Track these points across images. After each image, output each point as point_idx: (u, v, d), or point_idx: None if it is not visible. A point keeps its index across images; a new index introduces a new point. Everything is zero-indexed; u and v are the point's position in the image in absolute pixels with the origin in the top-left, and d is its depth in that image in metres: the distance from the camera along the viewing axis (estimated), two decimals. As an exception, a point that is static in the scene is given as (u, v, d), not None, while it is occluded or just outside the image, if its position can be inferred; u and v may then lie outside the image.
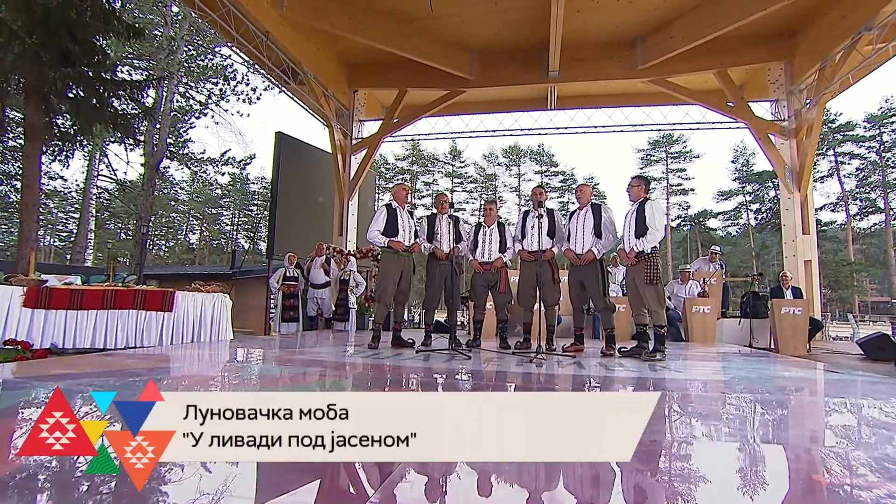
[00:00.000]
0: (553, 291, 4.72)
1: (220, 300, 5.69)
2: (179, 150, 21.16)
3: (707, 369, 3.58)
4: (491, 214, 5.03)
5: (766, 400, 2.43)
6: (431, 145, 40.99)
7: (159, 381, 2.38)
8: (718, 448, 1.56)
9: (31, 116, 7.76)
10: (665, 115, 11.28)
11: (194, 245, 45.13)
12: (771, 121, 9.56)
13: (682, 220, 36.83)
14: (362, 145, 12.02)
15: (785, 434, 1.84)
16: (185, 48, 18.12)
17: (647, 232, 3.95)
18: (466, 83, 10.78)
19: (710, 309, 6.52)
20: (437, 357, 3.83)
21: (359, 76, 11.78)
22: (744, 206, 35.30)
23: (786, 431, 1.89)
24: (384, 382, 2.72)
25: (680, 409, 2.16)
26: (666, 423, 1.81)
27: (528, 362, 3.62)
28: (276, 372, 2.98)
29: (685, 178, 36.26)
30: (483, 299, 5.05)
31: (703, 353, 5.07)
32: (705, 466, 1.39)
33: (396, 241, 4.61)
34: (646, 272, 3.94)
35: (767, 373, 3.41)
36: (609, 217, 4.47)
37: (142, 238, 12.27)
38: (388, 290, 4.60)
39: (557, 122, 12.08)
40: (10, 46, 6.67)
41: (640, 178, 4.18)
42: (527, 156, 41.24)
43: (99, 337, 5.11)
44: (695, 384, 2.83)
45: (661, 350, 3.92)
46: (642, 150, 37.17)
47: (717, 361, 4.17)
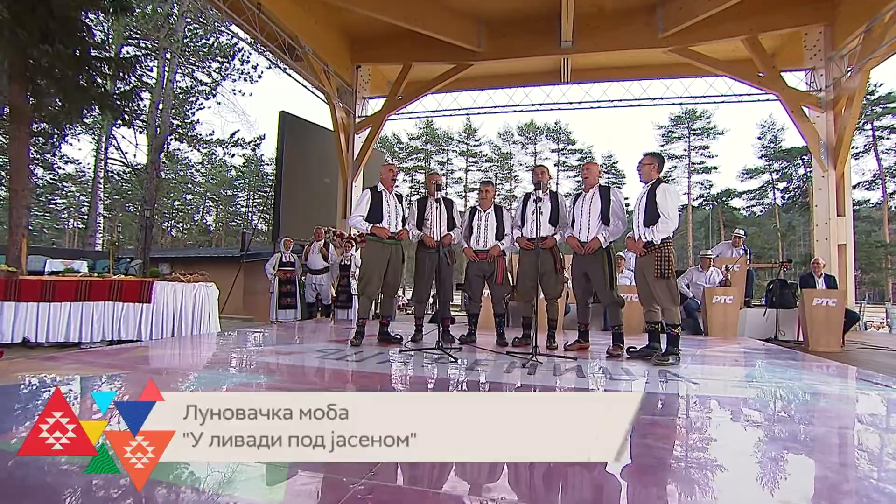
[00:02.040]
0: (555, 283, 4.26)
1: (203, 290, 5.38)
2: (188, 132, 20.98)
3: (725, 378, 3.09)
4: (487, 197, 4.54)
5: (806, 443, 1.96)
6: (445, 124, 40.20)
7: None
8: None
9: (15, 98, 7.48)
10: (687, 87, 10.46)
11: (211, 227, 45.55)
12: (805, 91, 8.71)
13: (704, 199, 35.44)
14: (366, 123, 11.50)
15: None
16: (189, 27, 17.71)
17: (657, 220, 3.42)
18: (474, 56, 10.13)
19: (733, 299, 5.96)
20: (419, 359, 3.43)
21: (362, 51, 11.20)
22: (770, 184, 33.70)
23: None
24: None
25: (684, 456, 1.71)
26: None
27: (521, 367, 3.19)
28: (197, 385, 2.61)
29: (708, 155, 34.74)
30: (479, 291, 4.61)
31: (723, 351, 4.56)
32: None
33: (380, 228, 4.18)
34: (656, 265, 3.43)
35: (799, 384, 2.92)
36: (618, 201, 3.96)
37: (146, 221, 12.11)
38: (371, 282, 4.19)
39: (571, 96, 11.36)
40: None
41: (653, 156, 3.63)
42: (543, 133, 40.04)
43: (73, 330, 4.88)
44: (708, 406, 2.37)
45: (675, 353, 3.44)
46: (663, 127, 35.65)
47: (738, 365, 3.67)
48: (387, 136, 41.66)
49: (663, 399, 2.42)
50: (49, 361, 2.95)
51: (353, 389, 2.48)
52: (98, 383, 2.41)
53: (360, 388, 2.54)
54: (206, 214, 45.56)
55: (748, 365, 3.59)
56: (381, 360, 3.37)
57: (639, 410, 1.23)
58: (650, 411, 2.21)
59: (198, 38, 18.53)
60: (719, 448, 1.68)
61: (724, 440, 1.76)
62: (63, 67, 7.23)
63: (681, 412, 2.14)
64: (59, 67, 7.31)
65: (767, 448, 1.69)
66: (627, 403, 1.22)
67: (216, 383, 2.49)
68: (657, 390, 2.57)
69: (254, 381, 2.57)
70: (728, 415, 2.10)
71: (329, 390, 2.34)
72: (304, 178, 11.04)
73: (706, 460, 1.57)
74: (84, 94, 7.35)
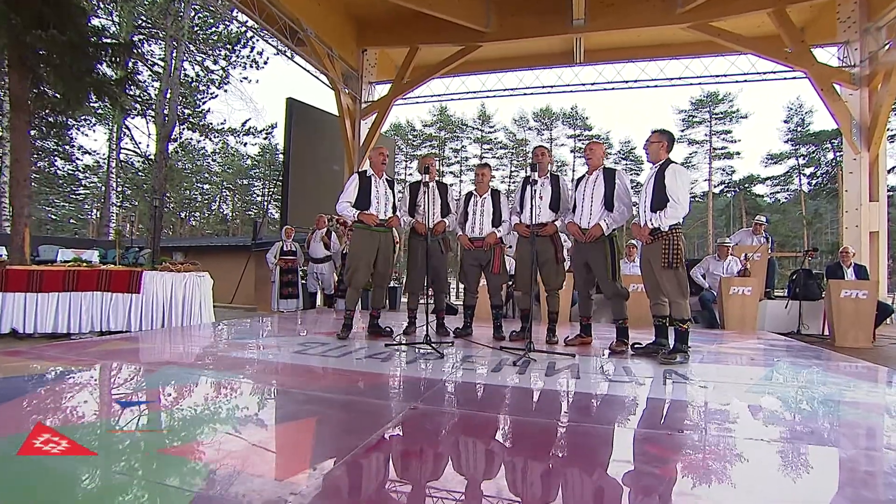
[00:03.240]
0: (555, 273, 3.97)
1: (194, 280, 5.23)
2: (199, 122, 21.00)
3: (738, 380, 2.78)
4: (483, 181, 4.25)
5: (828, 471, 1.66)
6: (459, 110, 39.77)
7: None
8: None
9: (15, 86, 7.41)
10: (707, 66, 9.86)
11: (228, 217, 46.09)
12: (837, 67, 8.09)
13: (725, 186, 34.23)
14: (372, 109, 11.23)
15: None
16: (199, 14, 17.56)
17: (666, 205, 3.09)
18: (483, 37, 9.74)
19: (751, 290, 5.56)
20: (403, 354, 3.19)
21: (368, 34, 10.89)
22: (796, 169, 32.31)
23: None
24: (272, 410, 2.10)
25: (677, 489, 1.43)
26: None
27: (513, 364, 2.93)
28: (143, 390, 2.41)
29: (730, 140, 33.42)
30: (475, 281, 4.34)
31: (739, 347, 4.21)
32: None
33: (368, 215, 3.93)
34: (663, 254, 3.10)
35: (824, 389, 2.59)
36: (624, 184, 3.62)
37: (155, 211, 12.12)
38: (359, 273, 3.96)
39: (584, 77, 10.88)
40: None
41: (662, 133, 3.28)
42: (559, 119, 39.16)
43: (62, 321, 4.79)
44: (714, 417, 2.07)
45: (683, 350, 3.12)
46: (683, 111, 34.40)
47: (754, 364, 3.33)
48: (401, 123, 41.44)
49: (662, 408, 2.13)
50: (10, 356, 2.80)
51: (303, 390, 2.26)
52: (39, 380, 2.23)
53: (319, 388, 2.32)
54: (223, 204, 46.12)
55: (766, 364, 3.26)
56: (361, 355, 3.14)
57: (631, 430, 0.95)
58: (646, 422, 1.93)
59: (207, 26, 18.42)
60: (722, 476, 1.40)
61: (728, 464, 1.48)
62: (59, 54, 7.11)
63: (681, 425, 1.85)
64: (55, 54, 7.20)
65: (781, 479, 1.40)
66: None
67: (158, 383, 2.30)
68: (659, 395, 2.28)
69: (200, 380, 2.37)
70: (736, 429, 1.81)
71: (283, 391, 2.12)
72: (312, 165, 10.88)
73: (705, 495, 1.29)
74: (79, 82, 7.22)
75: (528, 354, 3.11)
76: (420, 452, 1.50)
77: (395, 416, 1.84)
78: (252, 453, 1.41)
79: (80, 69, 7.37)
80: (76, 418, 1.70)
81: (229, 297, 12.99)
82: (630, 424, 1.86)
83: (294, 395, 2.12)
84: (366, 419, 1.79)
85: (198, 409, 1.86)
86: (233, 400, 2.04)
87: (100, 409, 1.87)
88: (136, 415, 1.78)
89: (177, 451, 1.41)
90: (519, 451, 1.58)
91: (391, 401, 2.09)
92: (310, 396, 2.10)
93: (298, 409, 1.89)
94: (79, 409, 1.83)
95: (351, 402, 2.06)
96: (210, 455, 1.37)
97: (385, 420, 1.78)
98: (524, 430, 1.79)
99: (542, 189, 3.97)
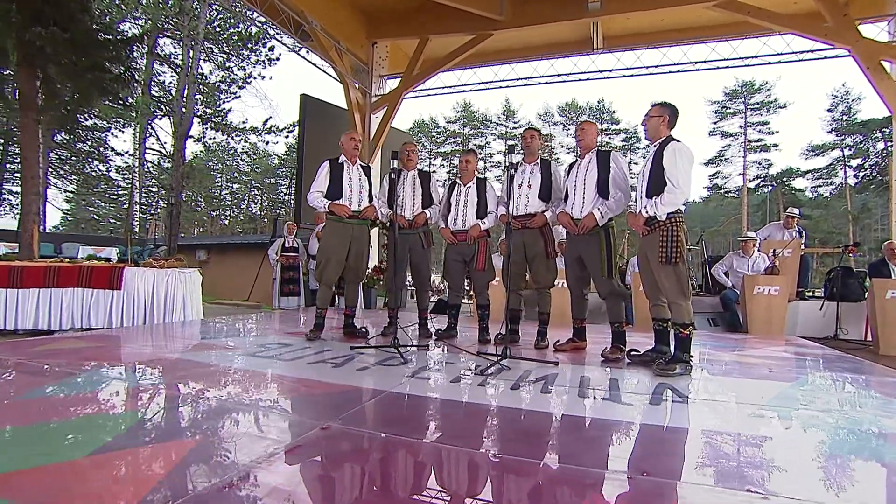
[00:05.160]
0: (545, 269, 3.56)
1: (176, 276, 5.06)
2: (221, 121, 21.33)
3: (748, 399, 2.31)
4: (468, 169, 3.86)
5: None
6: (483, 106, 39.33)
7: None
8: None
9: (24, 85, 7.48)
10: (735, 48, 9.10)
11: (256, 214, 47.12)
12: (887, 43, 7.27)
13: (761, 180, 32.39)
14: (382, 102, 10.97)
15: None
16: (220, 16, 17.78)
17: (663, 189, 2.64)
18: (496, 25, 9.32)
19: (780, 290, 4.95)
20: (361, 358, 2.85)
21: (378, 26, 10.63)
22: (841, 161, 30.21)
23: None
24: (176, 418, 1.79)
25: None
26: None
27: (480, 373, 2.56)
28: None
29: (767, 131, 31.58)
30: (459, 278, 3.97)
31: (759, 355, 3.68)
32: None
33: (339, 206, 3.62)
34: (661, 247, 2.65)
35: (858, 413, 2.10)
36: (620, 168, 3.18)
37: (171, 209, 12.25)
38: (329, 268, 3.65)
39: (601, 64, 10.26)
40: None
41: (663, 107, 2.82)
42: (585, 113, 38.10)
43: (42, 318, 4.68)
44: (699, 460, 1.64)
45: (684, 360, 2.66)
46: (716, 103, 32.75)
47: (773, 378, 2.81)
48: (424, 120, 41.31)
49: (631, 437, 1.71)
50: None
51: (211, 401, 1.95)
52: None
53: (233, 398, 2.01)
54: (252, 202, 47.18)
55: (786, 378, 2.74)
56: (315, 359, 2.83)
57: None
58: (600, 457, 1.52)
59: (229, 25, 18.62)
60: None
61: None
62: (61, 51, 7.12)
63: (648, 465, 1.44)
64: (57, 51, 7.22)
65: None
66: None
67: (58, 389, 2.04)
68: (635, 418, 1.86)
69: (107, 385, 2.10)
70: (717, 474, 1.38)
71: (188, 401, 1.81)
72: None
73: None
74: (82, 79, 7.23)
75: (501, 361, 2.73)
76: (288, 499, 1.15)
77: (292, 440, 1.50)
78: (66, 487, 1.11)
79: (83, 66, 7.38)
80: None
81: (246, 294, 13.03)
82: (578, 459, 1.46)
83: (194, 407, 1.83)
84: (251, 444, 1.47)
85: (54, 426, 1.58)
86: (115, 412, 1.76)
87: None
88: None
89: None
90: (424, 489, 1.22)
91: (305, 417, 1.76)
92: (211, 409, 1.81)
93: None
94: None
95: (255, 417, 1.74)
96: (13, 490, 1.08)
97: (275, 445, 1.45)
98: (447, 460, 1.42)
99: (531, 176, 3.57)
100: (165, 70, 20.21)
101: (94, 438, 1.46)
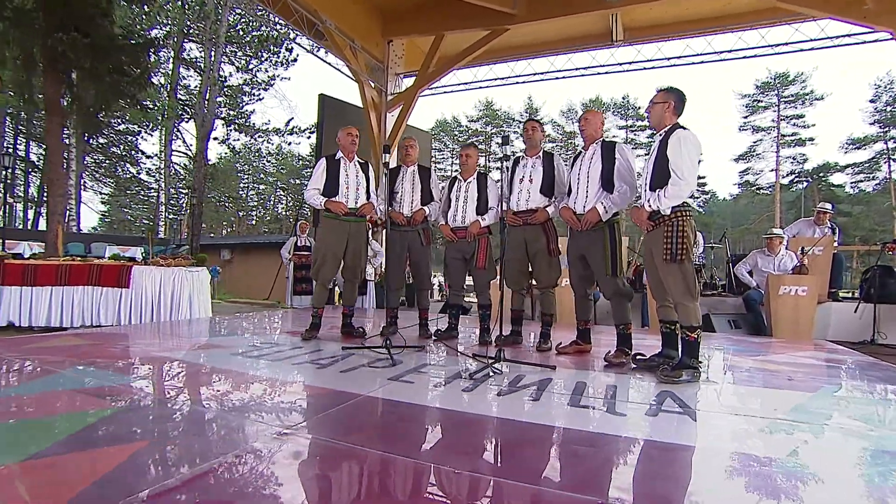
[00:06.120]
0: (548, 267, 3.38)
1: (182, 275, 5.09)
2: (244, 122, 21.80)
3: (759, 412, 2.09)
4: (468, 163, 3.72)
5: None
6: (506, 104, 39.06)
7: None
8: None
9: (49, 89, 7.73)
10: (764, 36, 8.63)
11: (282, 214, 48.07)
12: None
13: (795, 176, 30.93)
14: (397, 101, 10.92)
15: None
16: (241, 18, 18.14)
17: (667, 181, 2.43)
18: (511, 19, 9.14)
19: (808, 290, 4.61)
20: (348, 360, 2.75)
21: (392, 23, 10.59)
22: (885, 154, 28.57)
23: None
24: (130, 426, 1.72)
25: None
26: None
27: (469, 378, 2.41)
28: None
29: (802, 125, 30.13)
30: (460, 277, 3.83)
31: (782, 361, 3.41)
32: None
33: (335, 202, 3.54)
34: (665, 244, 2.45)
35: (888, 432, 1.86)
36: (626, 160, 2.98)
37: (193, 209, 12.52)
38: (325, 266, 3.57)
39: (620, 57, 9.92)
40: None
41: (668, 92, 2.61)
42: (609, 109, 37.29)
43: (55, 315, 4.78)
44: (680, 482, 1.46)
45: (692, 367, 2.45)
46: (747, 96, 31.48)
47: (793, 388, 2.54)
48: (446, 119, 41.27)
49: (612, 454, 1.54)
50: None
51: (173, 403, 1.88)
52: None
53: (198, 400, 1.93)
54: (278, 203, 48.17)
55: (808, 387, 2.49)
56: (302, 360, 2.74)
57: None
58: (563, 479, 1.36)
59: (250, 29, 18.98)
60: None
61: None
62: (82, 56, 7.32)
63: (609, 495, 1.28)
64: (79, 56, 7.43)
65: None
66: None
67: (30, 387, 2.00)
68: (620, 431, 1.68)
69: (80, 383, 2.05)
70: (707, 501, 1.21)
71: (146, 403, 1.73)
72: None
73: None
74: (101, 82, 7.41)
75: (493, 366, 2.58)
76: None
77: (241, 446, 1.40)
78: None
79: (102, 70, 7.57)
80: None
81: (266, 293, 13.22)
82: (542, 478, 1.30)
83: (150, 410, 1.76)
84: (197, 449, 1.37)
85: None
86: (63, 413, 1.69)
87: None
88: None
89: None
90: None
91: (265, 421, 1.66)
92: (169, 411, 1.73)
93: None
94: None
95: (212, 421, 1.65)
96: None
97: (224, 450, 1.35)
98: (395, 473, 1.30)
99: (533, 170, 3.40)
100: (192, 74, 20.82)
101: (32, 441, 1.40)
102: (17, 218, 25.18)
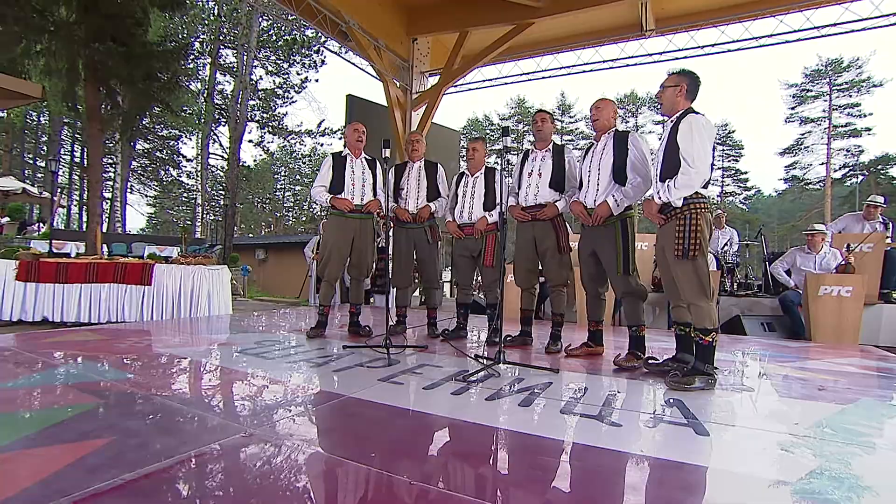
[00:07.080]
0: (557, 265, 3.23)
1: (202, 273, 5.22)
2: (278, 125, 22.41)
3: (776, 427, 1.87)
4: (476, 158, 3.61)
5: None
6: (538, 101, 38.60)
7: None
8: None
9: (89, 97, 8.13)
10: (808, 17, 8.04)
11: (317, 215, 49.25)
12: None
13: (849, 169, 28.86)
14: (422, 99, 10.90)
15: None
16: (274, 24, 18.64)
17: (678, 170, 2.24)
18: (536, 13, 8.96)
19: (853, 290, 4.22)
20: (345, 359, 2.69)
21: (417, 22, 10.59)
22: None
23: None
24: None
25: None
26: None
27: (463, 380, 2.30)
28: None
29: (858, 114, 28.07)
30: (468, 275, 3.72)
31: (816, 368, 3.11)
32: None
33: (340, 200, 3.50)
34: (677, 239, 2.26)
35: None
36: (639, 150, 2.80)
37: (226, 209, 12.94)
38: (331, 264, 3.55)
39: (650, 47, 9.50)
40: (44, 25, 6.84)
41: (681, 75, 2.41)
42: (645, 104, 36.11)
43: (84, 311, 5.00)
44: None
45: (706, 373, 2.25)
46: (794, 86, 29.65)
47: (821, 399, 2.28)
48: (478, 117, 41.11)
49: (593, 476, 1.40)
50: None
51: (154, 398, 1.86)
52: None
53: (180, 396, 1.91)
54: (313, 203, 49.40)
55: (841, 398, 2.22)
56: (300, 358, 2.71)
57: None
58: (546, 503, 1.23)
59: (284, 32, 19.46)
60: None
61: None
62: (117, 64, 7.66)
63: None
64: (116, 64, 7.77)
65: None
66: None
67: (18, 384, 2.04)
68: (623, 446, 1.53)
69: (68, 379, 2.07)
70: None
71: (128, 399, 1.72)
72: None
73: None
74: (134, 88, 7.72)
75: (490, 368, 2.46)
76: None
77: (203, 446, 1.35)
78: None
79: (136, 77, 7.90)
80: None
81: (297, 291, 13.52)
82: (508, 497, 1.19)
83: (130, 407, 1.74)
84: (160, 446, 1.33)
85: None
86: (42, 406, 1.70)
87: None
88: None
89: None
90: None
91: (236, 420, 1.61)
92: (145, 407, 1.72)
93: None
94: None
95: (181, 418, 1.61)
96: None
97: (186, 449, 1.31)
98: (354, 482, 1.21)
99: (542, 164, 3.25)
100: (228, 79, 21.58)
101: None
102: (72, 220, 26.91)
